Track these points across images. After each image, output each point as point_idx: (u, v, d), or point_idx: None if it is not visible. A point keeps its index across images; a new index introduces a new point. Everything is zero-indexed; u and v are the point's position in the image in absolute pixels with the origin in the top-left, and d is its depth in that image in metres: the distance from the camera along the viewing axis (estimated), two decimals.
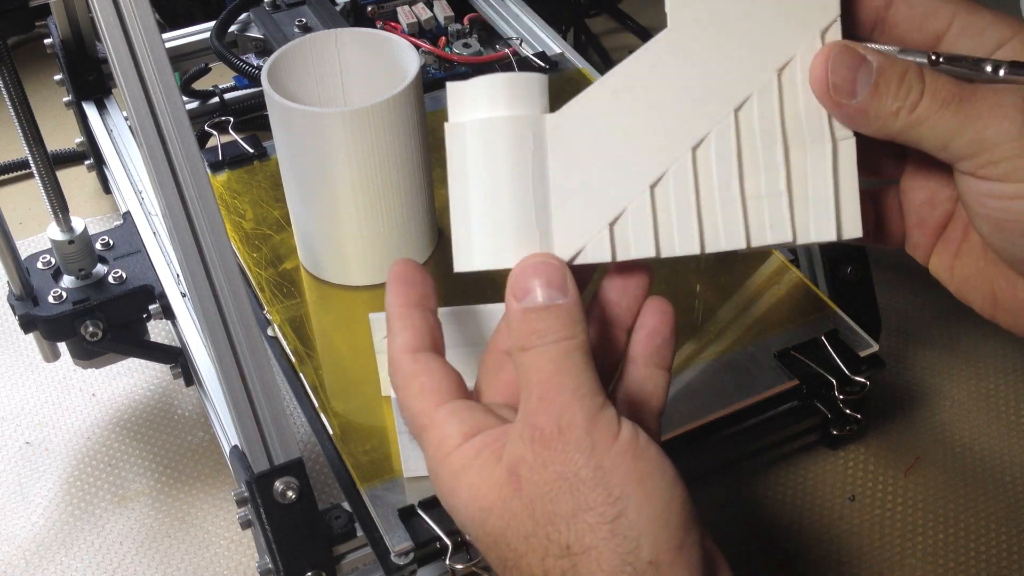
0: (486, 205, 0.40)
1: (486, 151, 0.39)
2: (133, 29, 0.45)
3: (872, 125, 0.38)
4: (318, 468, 0.71)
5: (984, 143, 0.36)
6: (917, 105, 0.37)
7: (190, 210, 0.48)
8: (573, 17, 1.07)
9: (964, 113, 0.36)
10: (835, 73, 0.38)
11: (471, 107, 0.40)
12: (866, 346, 0.65)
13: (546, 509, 0.36)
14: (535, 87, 0.40)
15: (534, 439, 0.36)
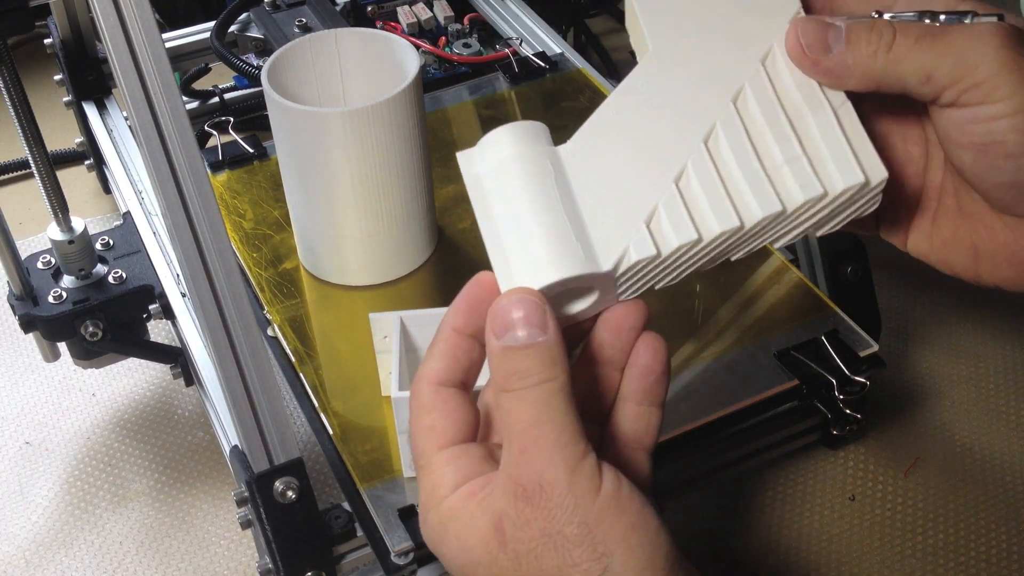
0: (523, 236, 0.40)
1: (510, 189, 0.40)
2: (133, 29, 0.45)
3: (854, 73, 0.39)
4: (318, 468, 0.71)
5: (965, 66, 0.37)
6: (892, 44, 0.38)
7: (190, 210, 0.48)
8: (573, 17, 1.07)
9: (940, 44, 0.38)
10: (805, 36, 0.40)
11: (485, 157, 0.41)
12: (866, 346, 0.65)
13: (532, 566, 0.36)
14: (538, 129, 0.41)
15: (516, 495, 0.36)
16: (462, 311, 0.40)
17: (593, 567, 0.36)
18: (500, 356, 0.37)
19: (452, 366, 0.40)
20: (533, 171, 0.40)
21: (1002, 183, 0.39)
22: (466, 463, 0.39)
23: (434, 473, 0.39)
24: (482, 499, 0.38)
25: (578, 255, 0.39)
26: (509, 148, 0.40)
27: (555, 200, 0.40)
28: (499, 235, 0.40)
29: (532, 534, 0.36)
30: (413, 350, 0.59)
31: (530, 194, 0.40)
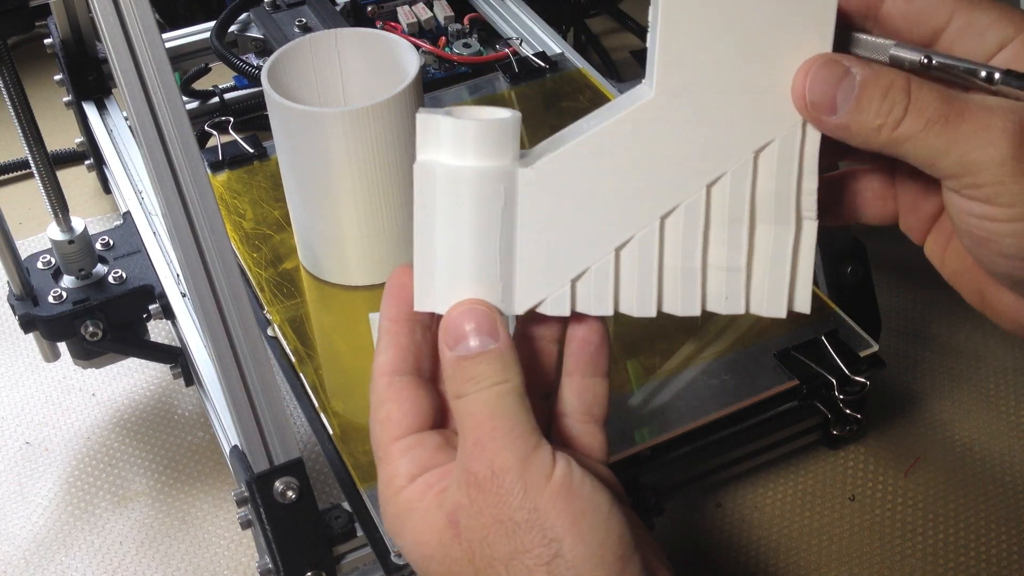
0: (451, 253, 0.40)
1: (455, 200, 0.40)
2: (133, 29, 0.45)
3: (854, 140, 0.37)
4: (318, 468, 0.71)
5: (968, 166, 0.35)
6: (900, 122, 0.36)
7: (190, 210, 0.48)
8: (573, 17, 1.07)
9: (950, 134, 0.36)
10: (813, 90, 0.38)
11: (441, 147, 0.40)
12: (866, 346, 0.65)
13: (485, 554, 0.37)
14: (508, 133, 0.39)
15: (470, 484, 0.37)
16: (391, 301, 0.41)
17: (543, 552, 0.36)
18: (454, 366, 0.38)
19: (399, 354, 0.41)
20: (484, 194, 0.39)
21: (998, 273, 0.38)
22: (420, 453, 0.39)
23: (390, 464, 0.39)
24: (439, 492, 0.38)
25: (495, 295, 0.40)
26: (471, 157, 0.39)
27: (495, 232, 0.39)
28: (433, 243, 0.40)
29: (484, 522, 0.37)
30: None
31: (474, 219, 0.39)
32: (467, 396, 0.38)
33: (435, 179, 0.40)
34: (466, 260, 0.40)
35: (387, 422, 0.40)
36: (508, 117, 0.39)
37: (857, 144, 0.38)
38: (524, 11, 0.94)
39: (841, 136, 0.38)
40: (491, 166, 0.39)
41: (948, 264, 0.42)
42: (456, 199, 0.39)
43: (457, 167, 0.39)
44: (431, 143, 0.40)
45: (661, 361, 0.64)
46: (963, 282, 0.42)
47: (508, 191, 0.39)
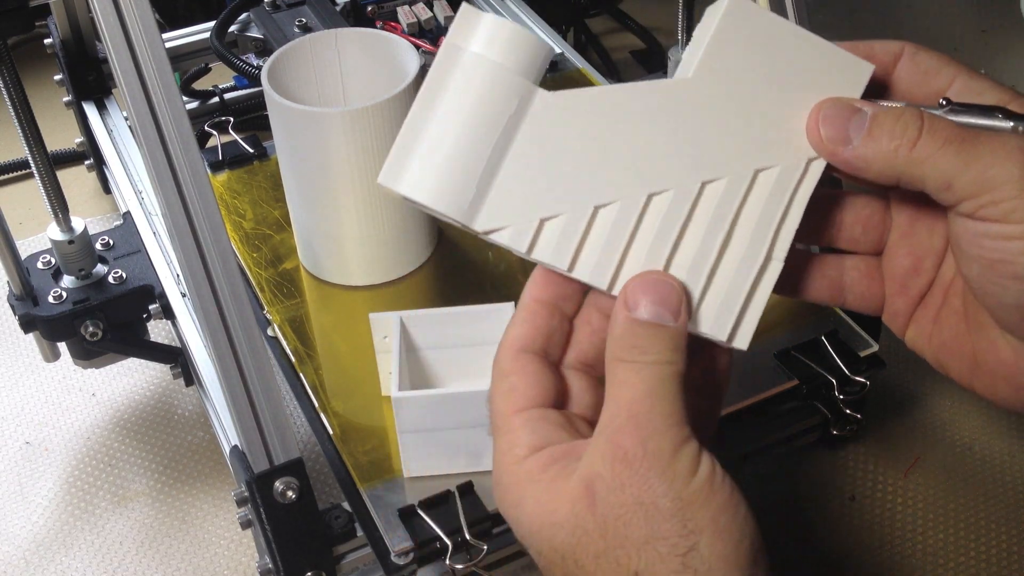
0: (441, 137, 0.39)
1: (469, 89, 0.39)
2: (133, 29, 0.45)
3: (872, 168, 0.38)
4: (318, 468, 0.71)
5: (987, 183, 0.36)
6: (916, 142, 0.37)
7: (190, 210, 0.48)
8: (573, 17, 1.07)
9: (966, 153, 0.37)
10: (826, 124, 0.39)
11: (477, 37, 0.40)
12: (866, 346, 0.65)
13: (618, 532, 0.36)
14: (540, 53, 0.40)
15: (616, 458, 0.36)
16: (540, 281, 0.41)
17: (680, 543, 0.36)
18: (626, 326, 0.38)
19: (532, 333, 0.40)
20: (499, 95, 0.39)
21: (1007, 303, 0.39)
22: (543, 427, 0.39)
23: (511, 433, 0.39)
24: (564, 466, 0.38)
25: (464, 199, 0.39)
26: (500, 55, 0.39)
27: (493, 138, 0.39)
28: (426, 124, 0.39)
29: (624, 500, 0.36)
30: (413, 350, 0.59)
31: (477, 115, 0.39)
32: (630, 364, 0.37)
33: (458, 62, 0.39)
34: (453, 150, 0.39)
35: (511, 393, 0.39)
36: (545, 41, 0.40)
37: (874, 175, 0.38)
38: (524, 11, 0.94)
39: (858, 167, 0.39)
40: (516, 72, 0.39)
41: (935, 340, 0.43)
42: (470, 88, 0.39)
43: (486, 58, 0.39)
44: (466, 31, 0.40)
45: None
46: (952, 355, 0.42)
47: (521, 104, 0.39)
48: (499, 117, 0.39)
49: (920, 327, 0.43)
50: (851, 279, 0.44)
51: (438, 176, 0.39)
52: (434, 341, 0.59)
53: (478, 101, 0.39)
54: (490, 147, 0.39)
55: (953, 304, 0.42)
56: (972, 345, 0.41)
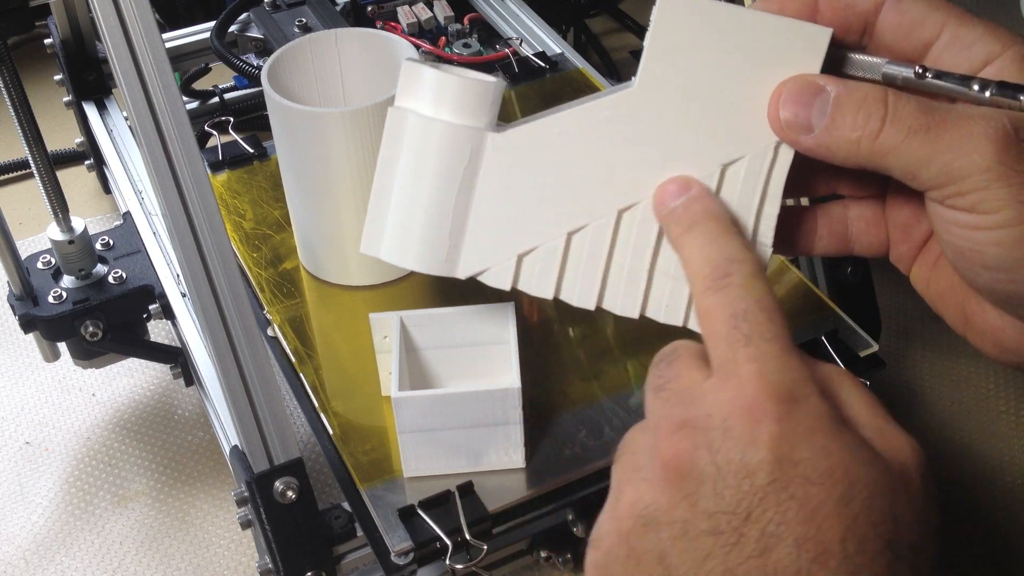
0: (406, 202, 0.40)
1: (421, 151, 0.39)
2: (133, 29, 0.45)
3: (836, 156, 0.37)
4: (318, 468, 0.71)
5: (952, 174, 0.35)
6: (879, 133, 0.36)
7: (190, 210, 0.48)
8: (573, 17, 1.07)
9: (932, 143, 0.35)
10: (787, 109, 0.38)
11: (419, 97, 0.40)
12: (866, 346, 0.65)
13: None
14: (488, 96, 0.39)
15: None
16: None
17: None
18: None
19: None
20: (449, 153, 0.39)
21: (981, 287, 0.38)
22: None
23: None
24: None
25: (439, 256, 0.40)
26: (445, 112, 0.39)
27: (453, 191, 0.39)
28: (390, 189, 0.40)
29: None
30: (413, 350, 0.59)
31: (435, 173, 0.39)
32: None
33: (405, 127, 0.39)
34: (419, 212, 0.40)
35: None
36: (491, 81, 0.39)
37: (841, 161, 0.37)
38: (524, 11, 0.94)
39: (822, 154, 0.38)
40: (462, 124, 0.39)
41: (933, 287, 0.42)
42: (422, 150, 0.39)
43: (429, 119, 0.39)
44: (411, 91, 0.40)
45: None
46: (947, 304, 0.42)
47: (474, 153, 0.39)
48: (455, 172, 0.39)
49: (921, 271, 0.42)
50: (856, 229, 0.43)
51: (412, 240, 0.40)
52: (434, 341, 0.59)
53: (431, 162, 0.39)
54: (453, 202, 0.40)
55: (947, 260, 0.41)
56: (963, 301, 0.41)
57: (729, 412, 0.34)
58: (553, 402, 0.61)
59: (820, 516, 0.32)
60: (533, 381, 0.61)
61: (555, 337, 0.66)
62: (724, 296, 0.36)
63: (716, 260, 0.37)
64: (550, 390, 0.61)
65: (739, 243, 0.37)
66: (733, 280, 0.36)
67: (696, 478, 0.34)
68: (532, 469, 0.57)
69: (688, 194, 0.39)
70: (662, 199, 0.40)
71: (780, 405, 0.33)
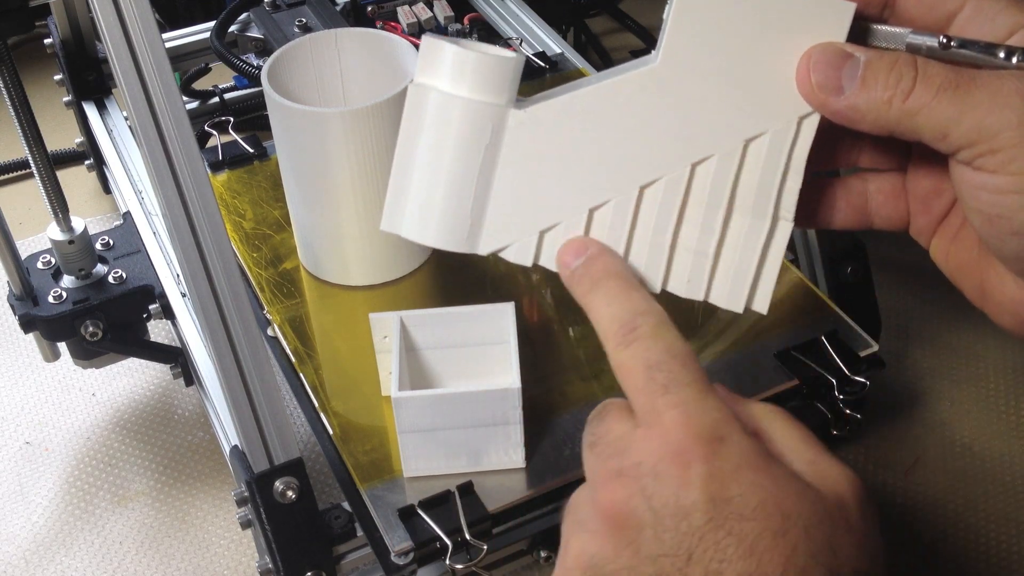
0: (427, 179, 0.40)
1: (441, 128, 0.39)
2: (133, 29, 0.45)
3: (866, 119, 0.37)
4: (318, 468, 0.71)
5: (984, 131, 0.35)
6: (910, 93, 0.36)
7: (190, 210, 0.48)
8: (573, 17, 1.07)
9: (962, 100, 0.35)
10: (817, 71, 0.38)
11: (439, 74, 0.39)
12: (866, 346, 0.65)
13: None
14: (507, 72, 0.39)
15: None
16: None
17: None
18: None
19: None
20: (471, 129, 0.39)
21: (1007, 255, 0.38)
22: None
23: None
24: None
25: (462, 232, 0.40)
26: (465, 88, 0.39)
27: (474, 167, 0.39)
28: (411, 166, 0.40)
29: None
30: (413, 350, 0.59)
31: (456, 150, 0.39)
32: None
33: (426, 103, 0.39)
34: (440, 189, 0.39)
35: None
36: (511, 56, 0.39)
37: (868, 125, 0.37)
38: (524, 11, 0.94)
39: (851, 117, 0.37)
40: (484, 101, 0.39)
41: (952, 259, 0.42)
42: (443, 127, 0.39)
43: (450, 95, 0.39)
44: (431, 68, 0.40)
45: None
46: (965, 277, 0.42)
47: (496, 130, 0.39)
48: (476, 149, 0.39)
49: (941, 244, 0.42)
50: (876, 202, 0.43)
51: (433, 217, 0.40)
52: (434, 341, 0.59)
53: (452, 139, 0.39)
54: (475, 178, 0.39)
55: (970, 228, 0.41)
56: (982, 274, 0.41)
57: (659, 457, 0.34)
58: (553, 402, 0.61)
59: (759, 550, 0.33)
60: (533, 381, 0.61)
61: (555, 337, 0.66)
62: (635, 350, 0.37)
63: (622, 316, 0.38)
64: (550, 390, 0.61)
65: (642, 295, 0.38)
66: (641, 332, 0.37)
67: (635, 525, 0.34)
68: (532, 469, 0.57)
69: (586, 254, 0.40)
70: (563, 261, 0.41)
71: (706, 446, 0.34)
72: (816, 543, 0.33)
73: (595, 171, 0.40)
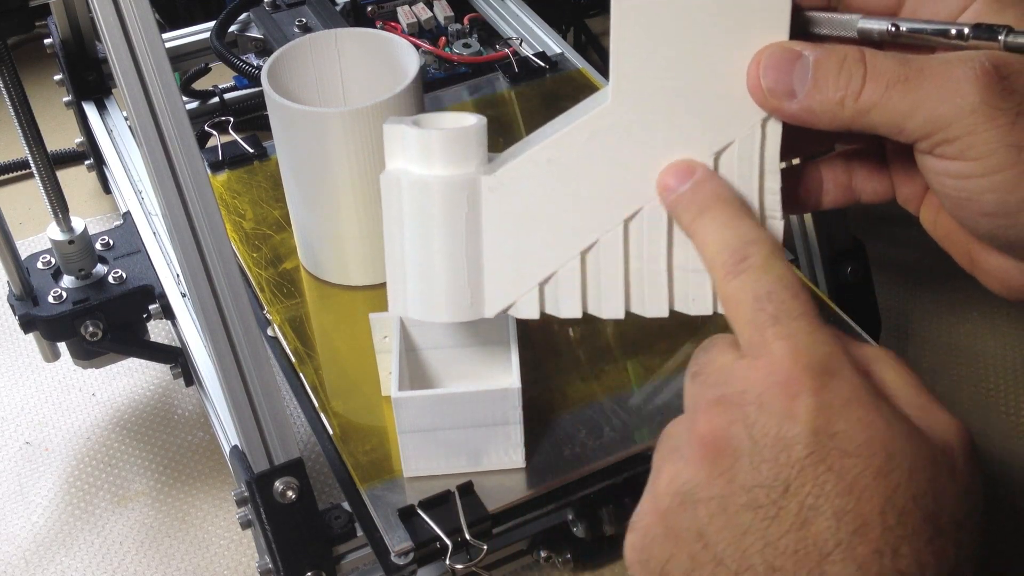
0: (420, 261, 0.40)
1: (420, 210, 0.40)
2: (133, 29, 0.45)
3: (822, 120, 0.37)
4: (318, 468, 0.71)
5: (937, 122, 0.35)
6: (861, 91, 0.36)
7: (190, 210, 0.48)
8: (573, 17, 1.07)
9: (913, 93, 0.35)
10: (767, 77, 0.38)
11: (407, 156, 0.40)
12: None
13: None
14: (471, 141, 0.40)
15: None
16: None
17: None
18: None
19: None
20: (450, 202, 0.39)
21: (982, 234, 0.38)
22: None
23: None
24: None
25: (464, 303, 0.41)
26: (437, 166, 0.39)
27: (461, 238, 0.40)
28: (403, 251, 0.41)
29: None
30: (413, 350, 0.59)
31: (440, 226, 0.40)
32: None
33: (400, 188, 0.40)
34: (434, 268, 0.40)
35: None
36: (471, 125, 0.40)
37: (824, 125, 0.37)
38: (524, 11, 0.94)
39: (806, 120, 0.37)
40: (454, 174, 0.40)
41: (940, 227, 0.42)
42: (421, 207, 0.40)
43: (420, 176, 0.40)
44: (398, 152, 0.41)
45: (661, 361, 0.64)
46: (954, 245, 0.42)
47: (472, 198, 0.40)
48: (458, 221, 0.40)
49: (928, 213, 0.42)
50: (860, 177, 0.43)
51: (434, 295, 0.41)
52: (434, 341, 0.59)
53: (433, 217, 0.40)
54: (463, 249, 0.40)
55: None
56: (967, 245, 0.41)
57: (764, 387, 0.33)
58: (553, 402, 0.61)
59: (859, 488, 0.32)
60: (533, 381, 0.61)
61: (555, 337, 0.66)
62: (745, 280, 0.35)
63: (733, 244, 0.36)
64: (550, 390, 0.61)
65: (752, 223, 0.37)
66: (752, 262, 0.36)
67: (733, 453, 0.33)
68: (532, 469, 0.57)
69: (694, 178, 0.39)
70: (667, 185, 0.39)
71: (816, 378, 0.33)
72: (918, 486, 0.32)
73: (576, 215, 0.40)
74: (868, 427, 0.33)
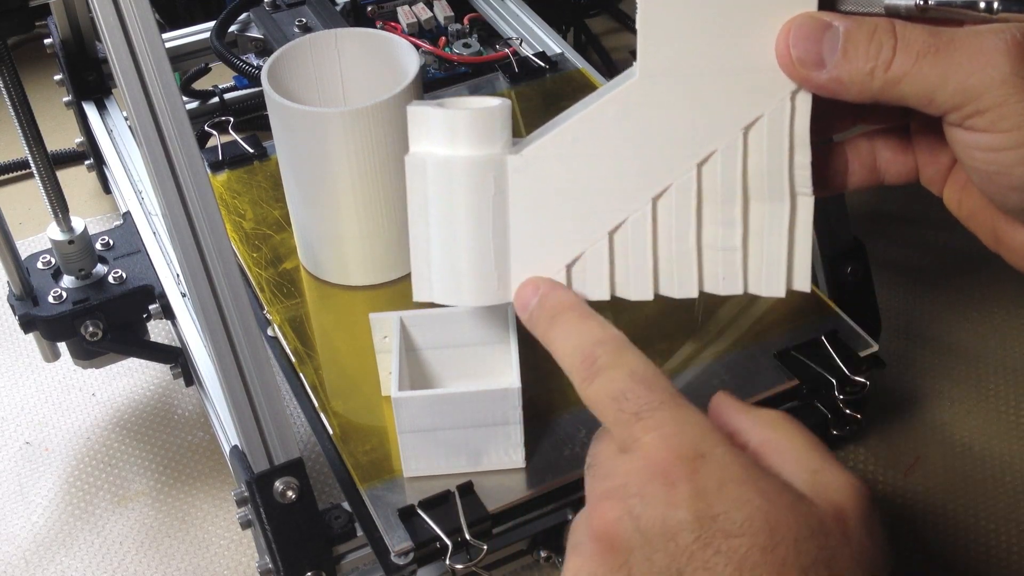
0: (445, 244, 0.40)
1: (446, 192, 0.40)
2: (133, 29, 0.45)
3: (851, 90, 0.37)
4: (318, 468, 0.71)
5: (968, 93, 0.35)
6: (892, 61, 0.36)
7: (190, 210, 0.48)
8: (573, 17, 1.07)
9: (944, 63, 0.35)
10: (797, 47, 0.37)
11: (432, 139, 0.40)
12: (866, 346, 0.65)
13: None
14: (496, 122, 0.39)
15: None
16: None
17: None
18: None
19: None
20: (477, 184, 0.39)
21: (1011, 209, 0.38)
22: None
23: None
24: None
25: (490, 287, 0.40)
26: (461, 147, 0.39)
27: (487, 221, 0.40)
28: (427, 234, 0.40)
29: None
30: (413, 350, 0.59)
31: (466, 208, 0.39)
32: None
33: (426, 170, 0.40)
34: (460, 251, 0.40)
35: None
36: (496, 105, 0.39)
37: (853, 96, 0.37)
38: (524, 11, 0.94)
39: (835, 90, 0.37)
40: (480, 155, 0.39)
41: (964, 207, 0.42)
42: (447, 189, 0.39)
43: (446, 157, 0.39)
44: (423, 135, 0.40)
45: (661, 361, 0.64)
46: (978, 223, 0.41)
47: (498, 179, 0.39)
48: (484, 203, 0.39)
49: (952, 193, 0.42)
50: (884, 158, 0.43)
51: (460, 279, 0.40)
52: (434, 341, 0.59)
53: (460, 199, 0.40)
54: (490, 232, 0.40)
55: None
56: (992, 222, 0.40)
57: (644, 479, 0.34)
58: (553, 402, 0.61)
59: (748, 566, 0.32)
60: (533, 381, 0.61)
61: None
62: (600, 383, 0.37)
63: (582, 347, 0.38)
64: (550, 390, 0.61)
65: (598, 323, 0.38)
66: (602, 363, 0.37)
67: (625, 547, 0.34)
68: (532, 469, 0.57)
69: (539, 293, 0.41)
70: (520, 305, 0.41)
71: (688, 464, 0.34)
72: (808, 557, 0.33)
73: (604, 194, 0.40)
74: (746, 504, 0.33)
